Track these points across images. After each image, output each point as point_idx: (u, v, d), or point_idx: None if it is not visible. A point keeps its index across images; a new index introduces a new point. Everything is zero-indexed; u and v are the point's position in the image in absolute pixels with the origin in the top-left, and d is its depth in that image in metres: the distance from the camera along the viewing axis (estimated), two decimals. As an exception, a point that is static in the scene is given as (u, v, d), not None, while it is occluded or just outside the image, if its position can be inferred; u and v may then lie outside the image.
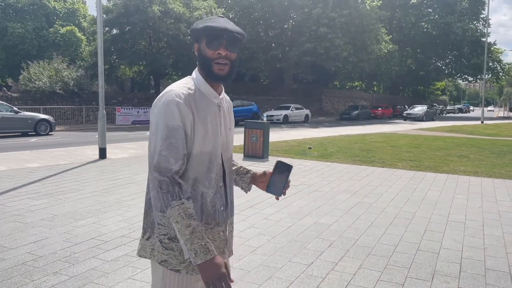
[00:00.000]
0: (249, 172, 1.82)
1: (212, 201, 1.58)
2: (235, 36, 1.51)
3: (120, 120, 24.81)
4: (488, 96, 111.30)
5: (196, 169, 1.53)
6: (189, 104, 1.49)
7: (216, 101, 1.60)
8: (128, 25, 27.83)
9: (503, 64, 55.00)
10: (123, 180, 7.43)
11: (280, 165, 1.72)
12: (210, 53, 1.51)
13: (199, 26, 1.52)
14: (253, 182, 1.80)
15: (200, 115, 1.52)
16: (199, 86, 1.57)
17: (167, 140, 1.44)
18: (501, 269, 3.72)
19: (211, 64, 1.52)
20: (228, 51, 1.51)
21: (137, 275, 3.47)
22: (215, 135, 1.57)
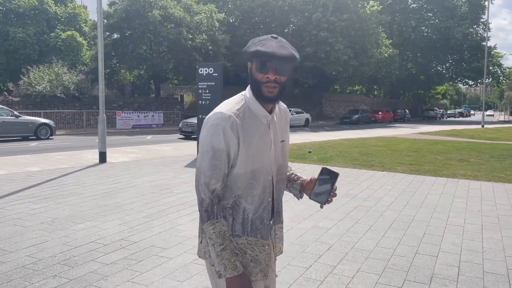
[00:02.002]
0: (299, 179, 1.81)
1: (259, 216, 1.63)
2: (284, 61, 1.50)
3: (121, 124, 24.86)
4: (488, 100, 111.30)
5: (239, 187, 1.59)
6: (235, 128, 1.52)
7: (266, 120, 1.60)
8: (129, 30, 27.95)
9: (504, 68, 55.07)
10: (123, 184, 7.44)
11: (325, 172, 1.67)
12: (260, 77, 1.53)
13: (251, 49, 1.52)
14: (302, 189, 1.79)
15: (246, 137, 1.55)
16: (250, 104, 1.59)
17: (212, 161, 1.53)
18: (499, 272, 3.72)
19: (261, 87, 1.54)
20: (277, 75, 1.51)
21: (136, 278, 3.48)
22: (262, 154, 1.59)
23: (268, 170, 1.62)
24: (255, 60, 1.53)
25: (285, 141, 1.73)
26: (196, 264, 3.79)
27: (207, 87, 10.99)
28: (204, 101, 11.05)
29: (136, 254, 4.03)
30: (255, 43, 1.54)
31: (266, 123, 1.61)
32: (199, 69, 11.11)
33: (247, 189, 1.59)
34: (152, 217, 5.29)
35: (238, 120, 1.54)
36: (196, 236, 4.60)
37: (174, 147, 13.81)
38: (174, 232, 4.72)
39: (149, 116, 26.41)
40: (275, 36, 1.56)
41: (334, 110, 46.66)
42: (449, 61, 55.31)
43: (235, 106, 1.58)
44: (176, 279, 3.48)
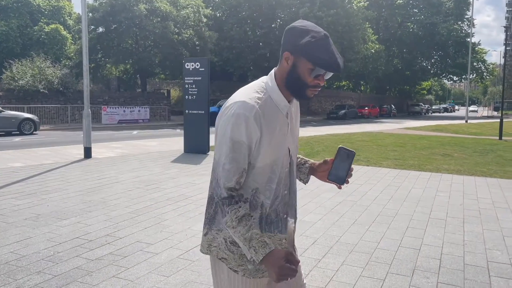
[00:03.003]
0: (307, 162, 1.75)
1: (275, 209, 1.57)
2: (340, 72, 1.49)
3: (106, 119, 24.62)
4: (473, 95, 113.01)
5: (258, 180, 1.53)
6: (259, 119, 1.44)
7: (285, 110, 1.55)
8: (114, 23, 27.65)
9: (487, 64, 55.88)
10: (109, 179, 7.40)
11: (342, 152, 1.60)
12: (309, 80, 1.46)
13: (317, 54, 1.40)
14: (311, 172, 1.73)
15: (268, 129, 1.48)
16: (271, 93, 1.51)
17: (231, 153, 1.44)
18: (480, 265, 3.81)
19: (306, 89, 1.48)
20: (325, 80, 1.50)
21: (121, 274, 3.47)
22: (280, 146, 1.54)
23: (284, 162, 1.57)
24: (313, 64, 1.43)
25: (298, 131, 1.71)
26: (182, 259, 3.80)
27: (193, 82, 10.95)
28: (190, 96, 11.02)
29: (122, 249, 4.02)
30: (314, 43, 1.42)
31: (285, 114, 1.55)
32: (186, 64, 11.07)
33: (265, 183, 1.53)
34: (138, 213, 5.28)
35: (262, 109, 1.46)
36: (182, 231, 4.60)
37: (161, 142, 13.74)
38: (160, 227, 4.72)
39: (135, 111, 26.18)
40: (327, 34, 1.45)
41: (321, 105, 46.87)
42: (434, 57, 55.95)
43: (257, 94, 1.49)
44: (161, 274, 3.48)
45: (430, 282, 3.44)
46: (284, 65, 1.48)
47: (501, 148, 13.26)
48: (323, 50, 1.41)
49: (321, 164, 1.69)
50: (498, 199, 6.40)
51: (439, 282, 3.44)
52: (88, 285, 3.26)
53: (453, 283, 3.42)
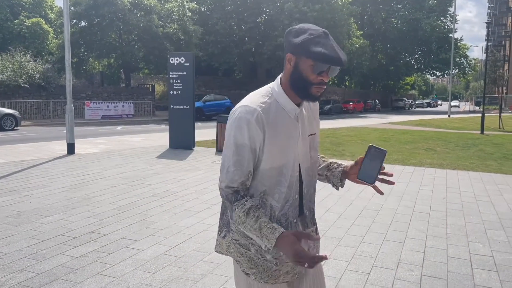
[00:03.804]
0: (339, 166, 1.70)
1: (284, 213, 1.56)
2: (342, 66, 1.45)
3: (89, 115, 24.28)
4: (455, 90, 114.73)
5: (265, 183, 1.53)
6: (262, 122, 1.45)
7: (294, 114, 1.53)
8: (97, 17, 27.23)
9: (469, 60, 56.76)
10: (92, 175, 7.30)
11: (372, 150, 1.58)
12: (313, 77, 1.45)
13: (313, 49, 1.41)
14: (345, 176, 1.68)
15: (272, 132, 1.48)
16: (278, 97, 1.52)
17: (235, 156, 1.47)
18: (463, 257, 3.88)
19: (310, 87, 1.47)
20: (329, 77, 1.47)
21: (106, 271, 3.44)
22: (288, 149, 1.52)
23: (294, 166, 1.55)
24: (313, 61, 1.42)
25: (316, 134, 1.65)
26: (167, 256, 3.78)
27: (178, 77, 10.87)
28: (175, 91, 10.93)
29: (106, 246, 3.98)
30: (312, 40, 1.42)
31: (294, 117, 1.53)
32: (170, 58, 10.97)
33: (274, 186, 1.53)
34: (122, 209, 5.22)
35: (264, 113, 1.47)
36: (168, 227, 4.58)
37: (146, 138, 13.62)
38: (145, 224, 4.68)
39: (119, 106, 25.87)
40: (326, 32, 1.46)
41: (306, 101, 46.92)
42: (418, 53, 56.54)
43: (262, 98, 1.51)
44: (147, 271, 3.46)
45: (414, 275, 3.48)
46: (287, 67, 1.49)
47: (483, 143, 13.50)
48: (322, 45, 1.42)
49: (353, 166, 1.64)
50: (480, 192, 6.52)
51: (423, 274, 3.49)
52: (72, 283, 3.21)
53: (437, 275, 3.48)
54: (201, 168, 8.22)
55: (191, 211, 5.22)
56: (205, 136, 13.53)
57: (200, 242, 4.15)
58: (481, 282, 3.36)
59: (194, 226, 4.62)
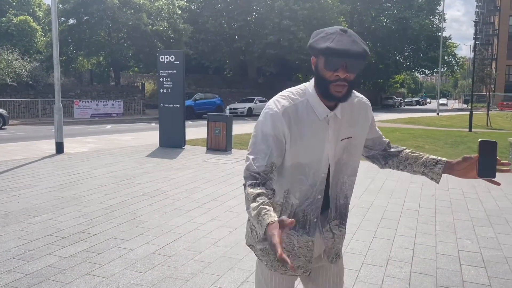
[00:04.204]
0: (439, 162, 1.67)
1: (303, 210, 1.57)
2: (357, 59, 1.41)
3: (78, 114, 24.06)
4: (444, 89, 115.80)
5: (289, 180, 1.55)
6: (287, 117, 1.48)
7: (323, 116, 1.52)
8: (86, 15, 26.97)
9: (458, 58, 57.32)
10: (82, 175, 7.24)
11: (483, 145, 1.55)
12: (328, 75, 1.44)
13: (320, 45, 1.42)
14: (448, 171, 1.66)
15: (297, 130, 1.50)
16: (309, 97, 1.53)
17: (258, 145, 1.49)
18: (451, 254, 3.92)
19: (329, 86, 1.45)
20: (347, 73, 1.43)
21: (95, 271, 3.41)
22: (313, 149, 1.52)
23: (319, 167, 1.55)
24: (324, 57, 1.42)
25: (352, 137, 1.60)
26: (158, 255, 3.76)
27: (168, 75, 10.82)
28: (165, 89, 10.88)
29: (96, 246, 3.95)
30: (323, 37, 1.43)
31: (325, 119, 1.52)
32: (160, 56, 10.91)
33: (296, 184, 1.55)
34: (112, 209, 5.19)
35: (292, 110, 1.50)
36: (158, 226, 4.56)
37: (136, 137, 13.53)
38: (135, 223, 4.66)
39: (108, 105, 25.68)
40: (345, 29, 1.45)
41: (297, 99, 47.01)
42: (407, 51, 56.92)
43: (293, 96, 1.54)
44: (137, 271, 3.44)
45: (403, 271, 3.51)
46: (313, 70, 1.51)
47: (471, 140, 13.65)
48: (332, 40, 1.41)
49: (460, 162, 1.62)
50: (468, 189, 6.59)
51: (412, 271, 3.52)
52: (61, 283, 3.18)
53: (426, 272, 3.51)
54: (192, 167, 8.20)
55: (182, 210, 5.20)
56: (196, 135, 13.49)
57: (191, 241, 4.14)
58: (469, 278, 3.40)
59: (185, 225, 4.61)
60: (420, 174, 1.72)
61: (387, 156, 1.80)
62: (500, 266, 3.66)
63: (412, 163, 1.73)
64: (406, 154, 1.77)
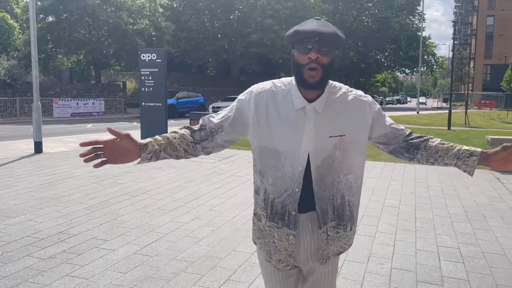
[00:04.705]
0: (473, 154, 1.59)
1: (282, 201, 1.57)
2: (326, 38, 1.41)
3: (58, 113, 23.62)
4: (424, 87, 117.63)
5: (260, 162, 1.59)
6: (261, 98, 1.55)
7: (299, 107, 1.51)
8: (65, 12, 26.48)
9: (437, 58, 58.34)
10: (61, 175, 7.12)
11: None
12: (301, 59, 1.44)
13: (291, 31, 1.46)
14: (483, 162, 1.59)
15: (269, 113, 1.53)
16: (292, 88, 1.54)
17: (224, 110, 1.65)
18: (430, 249, 3.99)
19: (302, 70, 1.45)
20: (318, 54, 1.41)
21: (75, 272, 3.36)
22: (290, 139, 1.51)
23: (297, 159, 1.52)
24: (295, 42, 1.45)
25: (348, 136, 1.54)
26: (139, 255, 3.73)
27: (150, 74, 10.71)
28: (147, 88, 10.77)
29: (76, 247, 3.89)
30: (297, 25, 1.49)
31: (302, 111, 1.51)
32: (141, 55, 10.80)
33: (269, 169, 1.56)
34: (92, 209, 5.11)
35: (270, 94, 1.55)
36: (139, 226, 4.51)
37: (117, 136, 13.34)
38: (116, 223, 4.60)
39: (89, 103, 25.28)
40: (318, 17, 1.50)
41: (280, 98, 47.13)
42: (388, 50, 57.63)
43: (278, 83, 1.59)
44: (118, 271, 3.40)
45: (384, 268, 3.56)
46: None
47: (450, 138, 13.91)
48: (301, 25, 1.46)
49: (499, 152, 1.54)
50: (447, 186, 6.72)
51: (393, 267, 3.57)
52: (40, 285, 3.12)
53: (406, 268, 3.57)
54: (174, 166, 8.14)
55: (164, 209, 5.16)
56: (178, 134, 13.38)
57: (173, 240, 4.11)
58: (448, 274, 3.47)
59: (167, 225, 4.58)
60: (453, 166, 1.65)
61: (411, 148, 1.66)
62: (477, 261, 3.74)
63: (444, 155, 1.63)
64: (435, 146, 1.64)
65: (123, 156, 1.47)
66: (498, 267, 3.61)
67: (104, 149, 1.45)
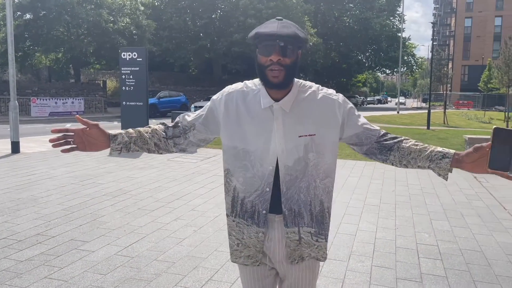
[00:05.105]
0: (446, 156, 1.49)
1: (251, 201, 1.57)
2: (287, 40, 1.41)
3: (36, 112, 23.13)
4: (404, 88, 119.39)
5: (227, 161, 1.60)
6: (230, 98, 1.58)
7: (266, 106, 1.51)
8: (43, 10, 25.93)
9: (416, 58, 59.35)
10: (39, 175, 6.97)
11: (499, 133, 1.33)
12: (263, 60, 1.45)
13: (252, 33, 1.47)
14: (456, 165, 1.48)
15: (239, 113, 1.55)
16: (261, 88, 1.55)
17: (199, 110, 1.69)
18: (410, 247, 4.06)
19: (265, 71, 1.45)
20: (280, 56, 1.42)
21: (54, 274, 3.30)
22: (259, 138, 1.52)
23: (267, 158, 1.52)
24: (258, 44, 1.46)
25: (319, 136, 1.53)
26: (120, 256, 3.68)
27: (131, 73, 10.58)
28: (128, 87, 10.64)
29: (55, 249, 3.82)
30: (258, 27, 1.48)
31: (269, 109, 1.51)
32: (122, 53, 10.66)
33: (239, 169, 1.56)
34: (72, 210, 5.03)
35: (240, 94, 1.58)
36: (120, 227, 4.46)
37: (97, 136, 13.15)
38: (96, 224, 4.53)
39: (68, 102, 24.84)
40: (280, 18, 1.49)
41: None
42: (369, 51, 58.34)
43: (249, 84, 1.61)
44: (98, 273, 3.35)
45: (365, 265, 3.60)
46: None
47: (429, 137, 14.16)
48: (262, 27, 1.46)
49: (470, 153, 1.43)
50: (426, 185, 6.84)
51: (373, 265, 3.61)
52: (17, 288, 3.06)
53: (386, 265, 3.62)
54: (155, 166, 8.07)
55: (145, 210, 5.11)
56: (160, 133, 13.26)
57: (154, 241, 4.08)
58: (427, 270, 3.53)
59: (148, 225, 4.53)
60: (427, 169, 1.56)
61: (384, 149, 1.60)
62: (455, 258, 3.82)
63: (416, 157, 1.54)
64: (408, 147, 1.56)
65: (92, 145, 1.58)
66: (475, 263, 3.70)
67: (74, 137, 1.55)
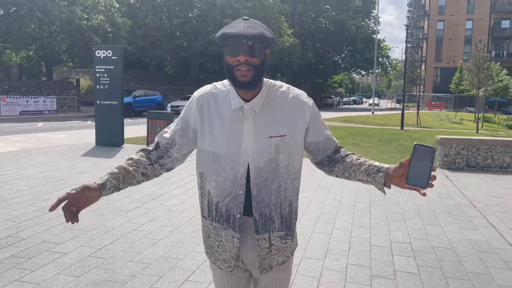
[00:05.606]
0: (380, 170, 1.49)
1: (226, 205, 1.54)
2: (253, 40, 1.40)
3: (6, 111, 22.46)
4: (378, 89, 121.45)
5: (202, 165, 1.58)
6: (202, 102, 1.56)
7: (236, 106, 1.50)
8: (14, 6, 25.20)
9: (391, 60, 60.47)
10: (9, 176, 6.77)
11: (418, 149, 1.36)
12: (231, 61, 1.44)
13: (219, 33, 1.45)
14: (388, 179, 1.46)
15: (211, 116, 1.53)
16: (231, 89, 1.53)
17: (174, 123, 1.66)
18: (384, 245, 4.13)
19: (233, 71, 1.44)
20: (248, 56, 1.41)
21: (25, 277, 3.21)
22: (230, 140, 1.50)
23: (238, 160, 1.49)
24: (225, 44, 1.44)
25: (289, 136, 1.51)
26: (94, 258, 3.61)
27: (105, 71, 10.41)
28: (102, 85, 10.46)
29: (26, 251, 3.71)
30: (224, 27, 1.46)
31: (240, 110, 1.49)
32: (96, 51, 10.47)
33: (211, 172, 1.54)
34: (44, 211, 4.90)
35: (210, 96, 1.55)
36: (94, 228, 4.37)
37: (69, 135, 12.88)
38: (69, 225, 4.43)
39: (39, 101, 24.20)
40: (247, 18, 1.47)
41: (239, 97, 47.14)
42: (345, 52, 59.11)
43: (218, 85, 1.59)
44: (71, 275, 3.28)
45: (340, 264, 3.65)
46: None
47: (403, 138, 14.46)
48: (229, 27, 1.45)
49: (397, 169, 1.43)
50: (399, 184, 6.96)
51: (349, 263, 3.66)
52: (-15, 293, 2.96)
53: (361, 263, 3.67)
54: (131, 165, 7.95)
55: (120, 210, 5.04)
56: (135, 133, 13.10)
57: (129, 242, 4.02)
58: (400, 268, 3.61)
59: (123, 226, 4.46)
60: (365, 183, 1.55)
61: (332, 162, 1.63)
62: (427, 255, 3.91)
63: (356, 170, 1.55)
64: (350, 160, 1.59)
65: (87, 201, 1.56)
66: (446, 260, 3.80)
67: (71, 202, 1.54)
